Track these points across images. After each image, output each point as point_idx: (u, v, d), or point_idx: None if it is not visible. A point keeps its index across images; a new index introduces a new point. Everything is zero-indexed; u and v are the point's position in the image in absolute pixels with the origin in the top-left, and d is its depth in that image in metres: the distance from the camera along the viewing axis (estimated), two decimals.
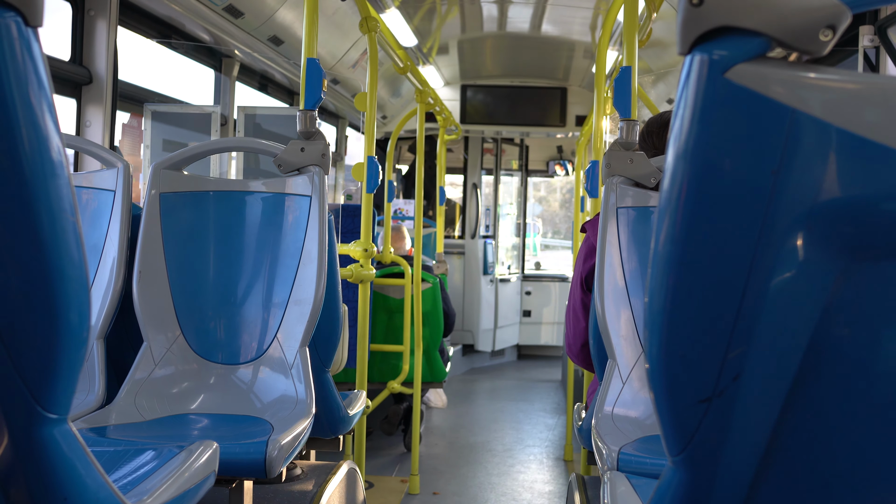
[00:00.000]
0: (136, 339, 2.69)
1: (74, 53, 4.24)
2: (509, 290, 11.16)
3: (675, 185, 0.84)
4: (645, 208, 2.68)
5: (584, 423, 2.82)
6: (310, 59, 3.02)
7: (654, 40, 6.15)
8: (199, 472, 1.71)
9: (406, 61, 5.01)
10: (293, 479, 2.85)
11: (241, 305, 2.75)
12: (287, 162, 2.78)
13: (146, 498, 1.47)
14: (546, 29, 8.03)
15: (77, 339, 1.12)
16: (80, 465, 1.21)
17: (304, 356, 2.61)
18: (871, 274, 0.82)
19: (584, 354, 2.95)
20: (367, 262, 3.94)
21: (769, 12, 0.80)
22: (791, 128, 0.80)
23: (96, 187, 2.91)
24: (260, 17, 5.30)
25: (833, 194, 0.80)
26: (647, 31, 3.88)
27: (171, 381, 2.64)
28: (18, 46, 1.01)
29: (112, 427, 2.38)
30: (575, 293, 2.99)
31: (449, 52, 8.91)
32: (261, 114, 6.15)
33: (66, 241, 1.09)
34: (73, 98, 4.26)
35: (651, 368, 0.89)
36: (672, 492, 0.92)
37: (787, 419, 0.87)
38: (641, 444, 2.25)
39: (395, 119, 9.67)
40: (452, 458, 6.42)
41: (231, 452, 2.10)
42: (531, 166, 11.90)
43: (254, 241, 2.79)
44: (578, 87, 9.87)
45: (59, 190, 1.07)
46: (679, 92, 0.85)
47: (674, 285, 0.86)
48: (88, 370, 2.70)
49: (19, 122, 1.01)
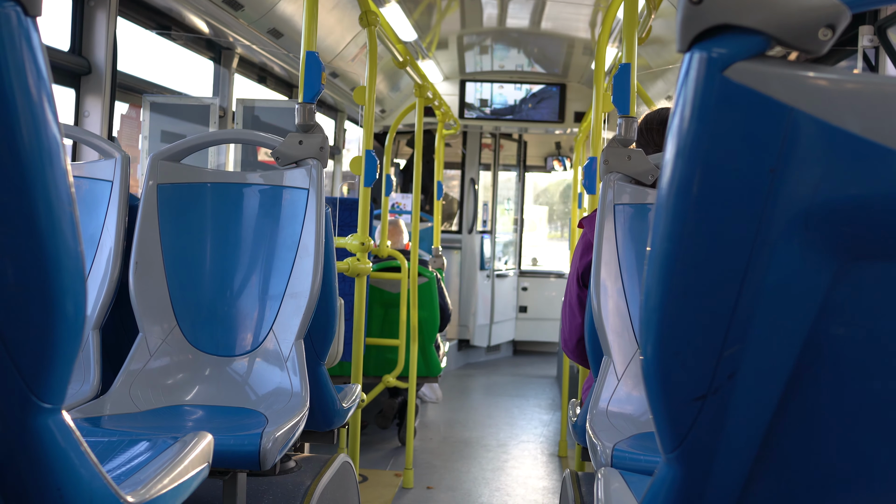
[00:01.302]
0: (132, 330, 2.69)
1: (74, 43, 4.24)
2: (506, 285, 11.16)
3: (672, 182, 0.84)
4: (642, 205, 2.68)
5: (578, 420, 2.83)
6: (309, 52, 3.02)
7: (654, 37, 6.15)
8: (193, 464, 1.71)
9: (405, 55, 5.01)
10: (287, 472, 2.85)
11: (238, 297, 2.75)
12: (285, 154, 2.78)
13: (140, 488, 1.47)
14: (546, 25, 8.03)
15: (73, 329, 1.12)
16: (75, 456, 1.21)
17: (300, 349, 2.61)
18: (867, 273, 0.82)
19: (579, 350, 2.95)
20: (364, 255, 3.94)
21: (769, 11, 0.80)
22: (789, 126, 0.80)
23: (94, 177, 2.91)
24: (260, 9, 5.29)
25: (830, 193, 0.80)
26: (647, 28, 3.88)
27: (166, 372, 2.64)
28: (17, 36, 1.00)
29: (107, 417, 2.38)
30: (571, 289, 3.00)
31: (448, 46, 8.91)
32: (259, 106, 6.14)
33: (63, 231, 1.08)
34: (72, 88, 4.26)
35: (646, 365, 0.89)
36: (666, 489, 0.92)
37: (782, 417, 0.87)
38: (636, 440, 2.25)
39: (394, 113, 9.66)
40: (447, 453, 6.42)
41: (225, 444, 2.11)
42: (529, 162, 11.90)
43: (251, 234, 2.79)
44: (577, 83, 9.87)
45: (57, 180, 1.06)
46: (678, 89, 0.85)
47: (670, 282, 0.86)
48: (84, 360, 2.70)
49: (18, 112, 1.01)
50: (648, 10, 3.73)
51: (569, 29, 8.12)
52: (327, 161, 2.80)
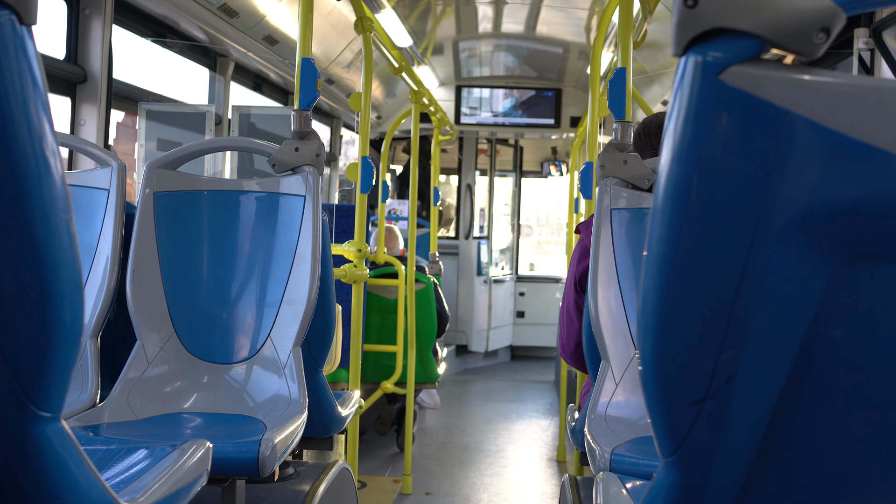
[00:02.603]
0: (130, 338, 2.68)
1: (69, 52, 4.24)
2: (503, 290, 11.16)
3: (668, 186, 0.84)
4: (639, 210, 2.68)
5: (576, 424, 2.83)
6: (304, 59, 3.02)
7: (649, 41, 6.14)
8: (191, 471, 1.71)
9: (401, 61, 5.01)
10: (286, 479, 2.85)
11: (235, 305, 2.75)
12: (281, 161, 2.78)
13: (139, 496, 1.47)
14: (541, 30, 8.04)
15: (70, 338, 1.12)
16: (73, 464, 1.21)
17: (298, 356, 2.61)
18: (864, 276, 0.83)
19: (577, 355, 2.95)
20: (361, 262, 3.94)
21: (763, 14, 0.80)
22: (785, 129, 0.80)
23: (90, 186, 2.91)
24: (255, 16, 5.29)
25: (826, 196, 0.81)
26: (642, 32, 3.89)
27: (164, 379, 2.64)
28: (12, 44, 1.00)
29: (105, 426, 2.38)
30: (569, 294, 3.00)
31: (444, 52, 8.91)
32: (255, 113, 6.14)
33: (60, 240, 1.08)
34: (68, 97, 4.25)
35: (644, 370, 0.89)
36: (664, 493, 0.92)
37: (780, 421, 0.87)
38: (634, 445, 2.25)
39: (390, 119, 9.66)
40: (445, 459, 6.42)
41: (224, 451, 2.10)
42: (525, 167, 11.90)
43: (247, 241, 2.78)
44: (573, 88, 9.88)
45: (53, 188, 1.06)
46: (673, 93, 0.85)
47: (667, 287, 0.86)
48: (81, 369, 2.69)
49: (13, 121, 1.01)
50: (643, 14, 3.74)
51: (564, 34, 8.13)
52: (324, 168, 2.80)
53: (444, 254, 10.43)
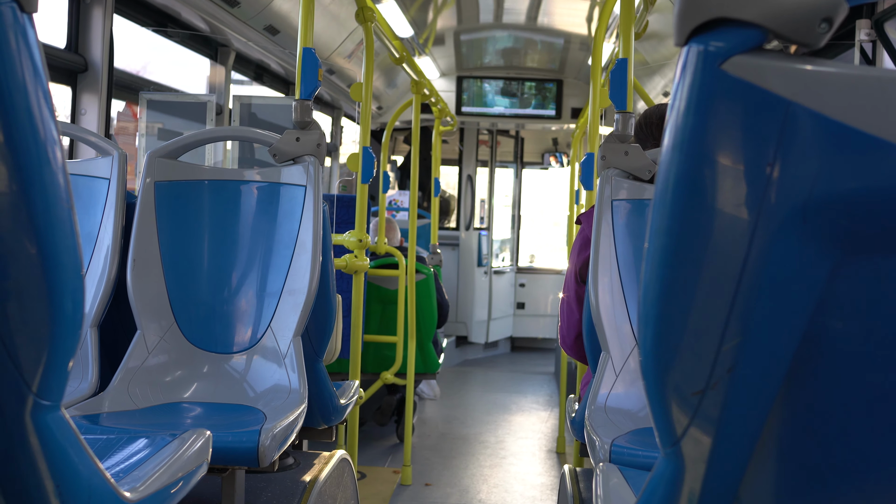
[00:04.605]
0: (130, 328, 2.69)
1: (70, 41, 4.23)
2: (503, 281, 11.16)
3: (669, 177, 0.84)
4: (640, 201, 2.68)
5: (576, 415, 2.83)
6: (306, 49, 3.02)
7: (651, 32, 6.14)
8: (191, 461, 1.71)
9: (402, 52, 5.00)
10: (285, 469, 2.85)
11: (235, 294, 2.75)
12: (282, 151, 2.77)
13: (139, 485, 1.47)
14: (542, 21, 8.03)
15: (71, 327, 1.12)
16: (73, 453, 1.21)
17: (298, 346, 2.61)
18: (865, 267, 0.82)
19: (577, 346, 2.95)
20: (362, 252, 3.94)
21: (766, 4, 0.80)
22: (787, 120, 0.80)
23: (91, 175, 2.91)
24: (256, 6, 5.29)
25: (828, 187, 0.80)
26: (644, 23, 3.88)
27: (164, 369, 2.64)
28: (13, 33, 1.00)
29: (105, 415, 2.38)
30: (569, 285, 3.00)
31: (445, 42, 8.90)
32: (256, 103, 6.14)
33: (61, 229, 1.08)
34: (69, 86, 4.25)
35: (644, 360, 0.89)
36: (664, 484, 0.92)
37: (781, 411, 0.87)
38: (634, 436, 2.25)
39: (391, 110, 9.65)
40: (445, 450, 6.42)
41: (224, 441, 2.11)
42: (526, 158, 11.89)
43: (248, 231, 2.78)
44: (574, 79, 9.87)
45: (54, 177, 1.06)
46: (675, 83, 0.85)
47: (668, 277, 0.86)
48: (82, 358, 2.69)
49: (15, 109, 1.01)
50: (645, 4, 3.73)
51: (565, 24, 8.12)
52: (324, 158, 2.80)
53: (445, 245, 10.43)
